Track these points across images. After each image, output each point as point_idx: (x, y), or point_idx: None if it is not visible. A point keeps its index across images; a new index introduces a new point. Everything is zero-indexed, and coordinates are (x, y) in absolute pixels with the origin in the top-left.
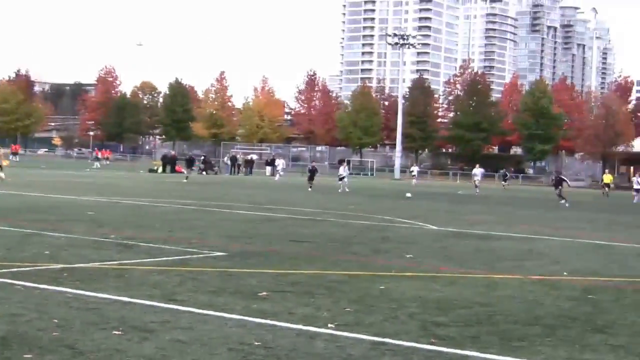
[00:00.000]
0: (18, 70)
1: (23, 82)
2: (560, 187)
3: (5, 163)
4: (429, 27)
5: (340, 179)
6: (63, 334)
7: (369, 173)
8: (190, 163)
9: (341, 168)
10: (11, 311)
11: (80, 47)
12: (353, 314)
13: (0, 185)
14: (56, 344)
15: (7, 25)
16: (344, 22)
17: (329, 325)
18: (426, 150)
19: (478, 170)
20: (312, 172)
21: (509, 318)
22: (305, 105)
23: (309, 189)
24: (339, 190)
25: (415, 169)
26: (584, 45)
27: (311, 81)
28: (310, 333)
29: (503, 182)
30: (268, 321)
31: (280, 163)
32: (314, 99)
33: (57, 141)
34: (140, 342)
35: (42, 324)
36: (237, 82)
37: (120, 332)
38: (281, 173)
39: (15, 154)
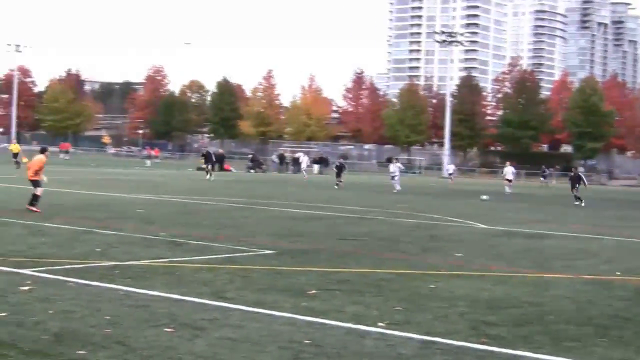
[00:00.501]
0: (69, 70)
1: (73, 82)
2: (577, 185)
3: (24, 160)
4: (477, 25)
5: (392, 177)
6: (115, 330)
7: (417, 171)
8: (208, 159)
9: (391, 165)
10: (64, 308)
11: (130, 46)
12: (403, 312)
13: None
14: (108, 340)
15: (59, 25)
16: (391, 19)
17: (379, 323)
18: (474, 148)
19: (509, 169)
20: (340, 169)
21: (560, 318)
22: (353, 104)
23: (336, 187)
24: (394, 191)
25: (451, 167)
26: (635, 42)
27: (358, 79)
28: (359, 331)
29: (542, 179)
30: (317, 319)
31: (304, 160)
32: (362, 97)
33: (106, 139)
34: (191, 340)
35: (94, 321)
36: (285, 81)
37: (171, 330)
38: (305, 170)
39: (66, 152)
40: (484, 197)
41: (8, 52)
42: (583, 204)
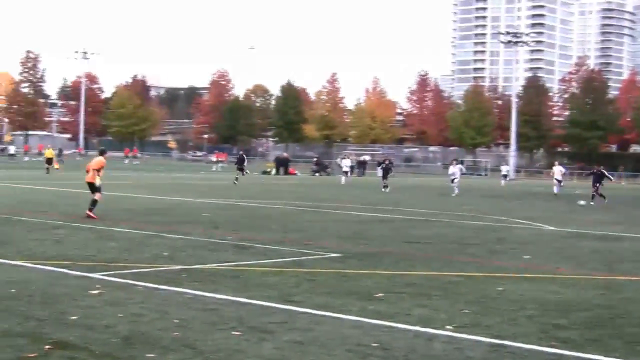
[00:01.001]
0: (135, 76)
1: (139, 87)
2: (599, 183)
3: (56, 166)
4: (542, 24)
5: (452, 180)
6: (183, 334)
7: (483, 173)
8: (241, 162)
9: (451, 167)
10: (133, 311)
11: (194, 51)
12: (471, 315)
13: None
14: (177, 343)
15: (125, 32)
16: (455, 21)
17: (447, 326)
18: (541, 149)
19: (557, 168)
20: (386, 170)
21: (633, 321)
22: (417, 106)
23: (383, 189)
24: (452, 195)
25: (505, 169)
26: None
27: (423, 81)
28: (428, 335)
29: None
30: (385, 322)
31: (344, 163)
32: (426, 99)
33: (172, 144)
34: (259, 343)
35: (163, 324)
36: (349, 83)
37: (239, 333)
38: (348, 174)
39: (134, 157)
40: (581, 202)
41: (76, 59)
42: (606, 201)
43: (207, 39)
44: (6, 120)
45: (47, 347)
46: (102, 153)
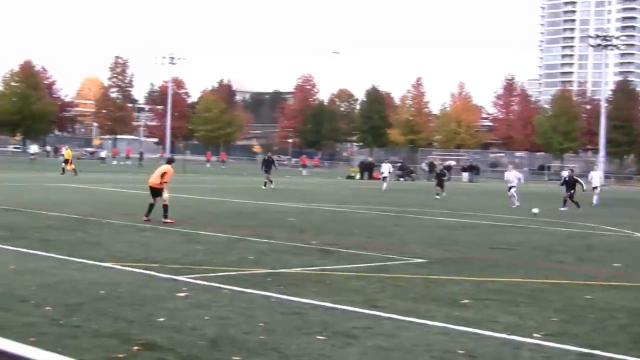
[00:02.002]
0: (220, 80)
1: (225, 92)
2: (572, 190)
3: (69, 167)
4: (633, 27)
5: (509, 189)
6: (269, 337)
7: None
8: (268, 165)
9: (507, 173)
10: (219, 314)
11: (279, 56)
12: (559, 323)
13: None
14: (263, 347)
15: (211, 36)
16: (542, 24)
17: (534, 334)
18: (631, 155)
19: (595, 174)
20: (440, 177)
21: None
22: (503, 110)
23: (437, 197)
24: (513, 207)
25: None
26: None
27: (509, 85)
28: (515, 342)
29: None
30: (471, 329)
31: (385, 169)
32: (512, 103)
33: (257, 149)
34: (344, 348)
35: (248, 327)
36: (434, 88)
37: (323, 337)
38: (387, 178)
39: (222, 161)
40: (535, 210)
41: (163, 64)
42: (579, 208)
43: (292, 44)
44: (95, 124)
45: (136, 348)
46: (169, 162)
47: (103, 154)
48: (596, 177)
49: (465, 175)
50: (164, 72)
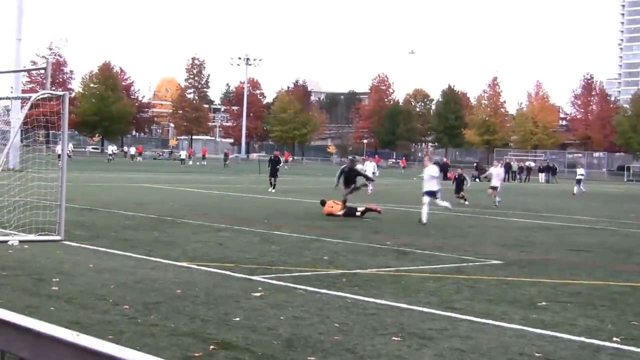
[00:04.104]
0: (296, 81)
1: (300, 92)
2: (462, 186)
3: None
4: None
5: (578, 182)
6: (344, 338)
7: None
8: (274, 166)
9: (580, 169)
10: (294, 314)
11: (355, 56)
12: (639, 327)
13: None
14: (338, 347)
15: (286, 37)
16: (622, 22)
17: (614, 338)
18: None
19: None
20: (460, 182)
21: None
22: (582, 110)
23: (464, 202)
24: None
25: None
26: None
27: (588, 85)
28: (593, 346)
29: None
30: (548, 332)
31: (370, 168)
32: (591, 103)
33: (331, 149)
34: (419, 349)
35: (323, 328)
36: (510, 88)
37: (399, 338)
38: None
39: (286, 161)
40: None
41: (239, 65)
42: (467, 203)
43: (367, 44)
44: (172, 125)
45: (212, 347)
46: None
47: (183, 154)
48: None
49: (542, 175)
50: (240, 73)
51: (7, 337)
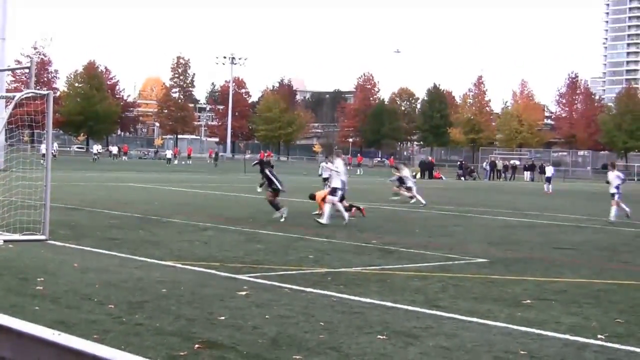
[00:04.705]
0: (281, 80)
1: (286, 91)
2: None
3: None
4: None
5: (548, 180)
6: (329, 336)
7: (636, 178)
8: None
9: (610, 174)
10: (280, 313)
11: (340, 55)
12: (624, 325)
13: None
14: (323, 346)
15: (271, 36)
16: (606, 21)
17: (599, 336)
18: None
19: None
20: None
21: None
22: (567, 109)
23: (396, 198)
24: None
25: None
26: None
27: (572, 84)
28: (578, 344)
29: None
30: (533, 330)
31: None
32: (576, 102)
33: (317, 148)
34: (405, 347)
35: (309, 326)
36: (496, 86)
37: (384, 337)
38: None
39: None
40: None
41: (224, 64)
42: (395, 199)
43: (352, 43)
44: (157, 124)
45: (197, 346)
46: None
47: (169, 154)
48: None
49: (527, 174)
50: (225, 72)
51: None
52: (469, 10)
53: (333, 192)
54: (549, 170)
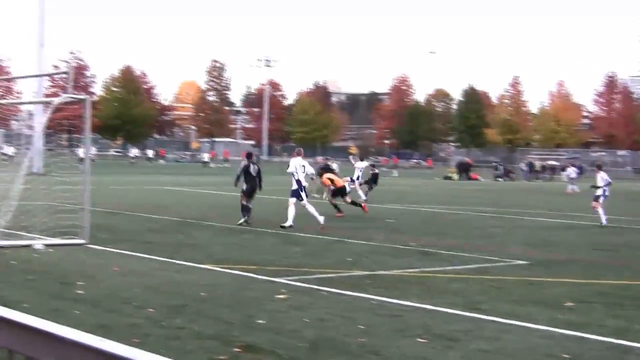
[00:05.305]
0: (316, 82)
1: (321, 94)
2: (374, 184)
3: None
4: None
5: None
6: (369, 340)
7: None
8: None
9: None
10: (319, 316)
11: (375, 57)
12: None
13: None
14: (362, 349)
15: (306, 38)
16: None
17: None
18: None
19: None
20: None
21: None
22: (605, 108)
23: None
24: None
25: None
26: None
27: (611, 83)
28: (622, 347)
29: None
30: (576, 333)
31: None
32: (614, 101)
33: (353, 150)
34: (445, 351)
35: (348, 330)
36: (532, 86)
37: (424, 340)
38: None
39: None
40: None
41: (259, 67)
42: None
43: (387, 44)
44: (193, 127)
45: (237, 350)
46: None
47: (205, 157)
48: None
49: (565, 174)
50: (260, 75)
51: (32, 343)
52: (505, 10)
53: (293, 193)
54: (572, 171)
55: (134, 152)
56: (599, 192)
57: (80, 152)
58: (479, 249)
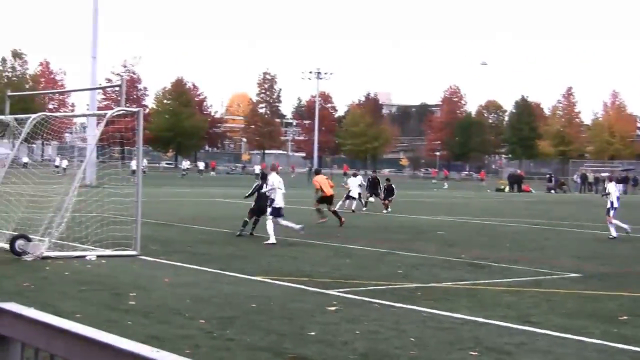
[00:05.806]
0: (367, 94)
1: (372, 105)
2: (377, 192)
3: None
4: None
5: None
6: (420, 352)
7: None
8: (374, 187)
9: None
10: (370, 328)
11: (426, 68)
12: None
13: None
14: None
15: (357, 50)
16: None
17: None
18: None
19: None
20: (374, 186)
21: None
22: None
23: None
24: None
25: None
26: None
27: None
28: None
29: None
30: (631, 347)
31: (354, 183)
32: None
33: (404, 162)
34: None
35: (399, 342)
36: (585, 98)
37: (476, 353)
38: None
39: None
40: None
41: (310, 79)
42: (387, 210)
43: (438, 56)
44: (244, 139)
45: None
46: (317, 173)
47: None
48: None
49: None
50: (311, 87)
51: (87, 353)
52: (557, 21)
53: (276, 212)
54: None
55: (185, 164)
56: (608, 204)
57: (133, 164)
58: (531, 261)
